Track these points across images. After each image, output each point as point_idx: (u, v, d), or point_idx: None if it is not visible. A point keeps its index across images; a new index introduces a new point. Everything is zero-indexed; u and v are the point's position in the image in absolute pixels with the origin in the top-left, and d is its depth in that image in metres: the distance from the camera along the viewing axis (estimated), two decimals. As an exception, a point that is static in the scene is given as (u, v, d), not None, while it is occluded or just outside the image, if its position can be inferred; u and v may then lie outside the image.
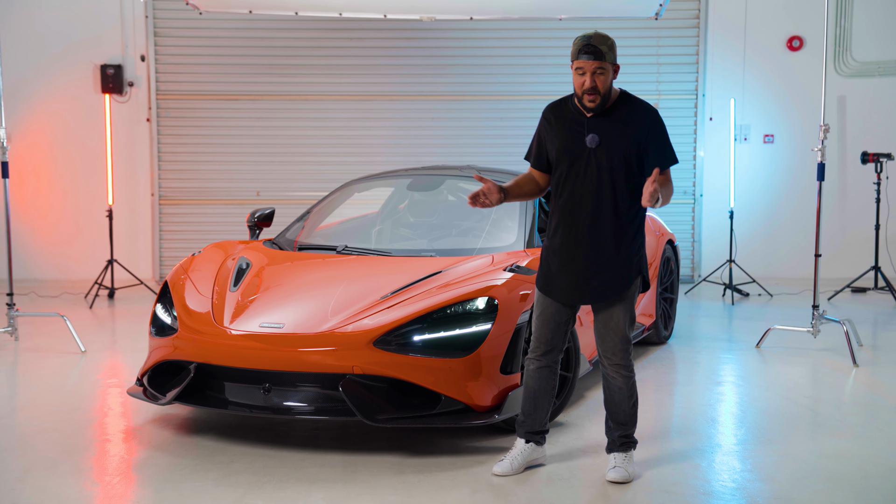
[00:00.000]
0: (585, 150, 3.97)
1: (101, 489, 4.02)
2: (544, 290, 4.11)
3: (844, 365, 6.30)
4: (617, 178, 3.95)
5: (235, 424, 4.84)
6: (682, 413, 5.26)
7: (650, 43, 10.09)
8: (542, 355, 4.15)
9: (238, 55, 10.16)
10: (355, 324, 4.43)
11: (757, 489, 4.02)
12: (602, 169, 3.95)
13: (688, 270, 10.36)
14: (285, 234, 5.91)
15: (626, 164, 3.95)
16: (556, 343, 4.14)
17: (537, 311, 4.15)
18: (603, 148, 3.95)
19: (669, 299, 7.04)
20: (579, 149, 3.99)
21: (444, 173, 6.28)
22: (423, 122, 10.28)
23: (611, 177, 3.95)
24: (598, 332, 4.10)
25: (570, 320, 4.15)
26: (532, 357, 4.17)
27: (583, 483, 4.08)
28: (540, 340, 4.14)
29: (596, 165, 3.96)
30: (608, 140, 3.95)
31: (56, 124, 10.09)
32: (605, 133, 3.96)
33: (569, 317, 4.13)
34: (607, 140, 3.95)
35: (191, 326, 4.66)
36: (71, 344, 6.78)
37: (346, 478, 4.11)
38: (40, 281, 9.98)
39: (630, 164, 3.96)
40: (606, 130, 3.96)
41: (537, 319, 4.14)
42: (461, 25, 10.05)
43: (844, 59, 10.06)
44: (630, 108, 3.99)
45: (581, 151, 3.99)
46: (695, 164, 10.27)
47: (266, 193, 10.22)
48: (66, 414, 5.11)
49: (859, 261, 9.79)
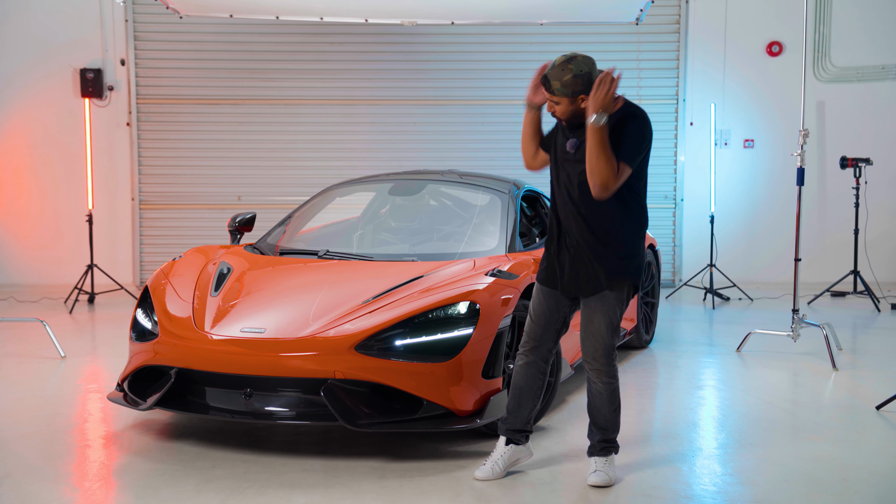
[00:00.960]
0: (567, 154, 4.01)
1: (82, 495, 3.99)
2: (540, 279, 4.15)
3: (824, 369, 6.34)
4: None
5: (216, 429, 4.82)
6: (663, 417, 5.28)
7: (631, 48, 10.15)
8: (529, 351, 4.16)
9: (219, 59, 10.13)
10: (337, 328, 4.42)
11: (737, 493, 4.04)
12: (581, 172, 3.96)
13: (668, 275, 10.41)
14: (266, 239, 5.89)
15: None
16: (544, 340, 4.14)
17: (532, 305, 4.17)
18: (582, 152, 3.97)
19: (650, 303, 7.06)
20: (563, 152, 4.03)
21: (426, 178, 6.28)
22: (405, 127, 10.28)
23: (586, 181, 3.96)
24: (581, 335, 4.11)
25: (562, 324, 4.16)
26: (521, 352, 4.19)
27: (564, 487, 4.09)
28: (529, 336, 4.16)
29: (576, 169, 3.98)
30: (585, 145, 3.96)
31: (36, 128, 10.03)
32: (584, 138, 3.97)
33: (561, 319, 4.14)
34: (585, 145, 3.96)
35: (171, 331, 4.64)
36: (51, 349, 6.73)
37: (328, 483, 4.10)
38: (20, 286, 9.91)
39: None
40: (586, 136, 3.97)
41: (530, 315, 4.17)
42: (443, 30, 10.07)
43: (823, 64, 10.15)
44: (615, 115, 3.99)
45: (565, 155, 4.03)
46: (675, 169, 10.33)
47: (247, 198, 10.19)
48: (45, 419, 5.07)
49: (839, 265, 9.86)
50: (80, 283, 9.01)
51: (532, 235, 5.93)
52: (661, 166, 10.26)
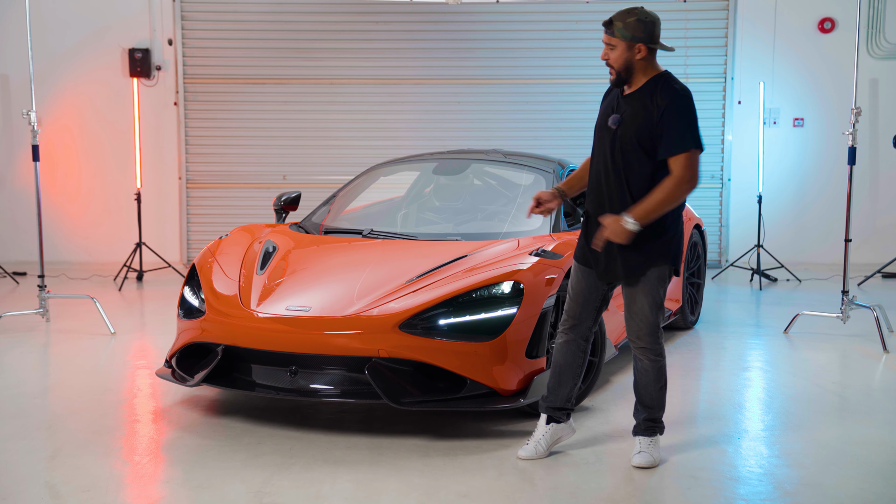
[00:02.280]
0: (609, 129, 3.96)
1: (131, 469, 4.07)
2: (576, 256, 4.12)
3: (874, 351, 6.24)
4: (631, 160, 3.91)
5: (262, 406, 4.87)
6: (708, 398, 5.23)
7: (678, 26, 10.00)
8: (569, 329, 4.14)
9: (264, 39, 10.17)
10: (381, 307, 4.44)
11: (784, 475, 4.00)
12: (619, 150, 3.93)
13: (715, 255, 10.30)
14: (311, 218, 5.92)
15: (640, 146, 3.89)
16: (583, 319, 4.12)
17: (570, 284, 4.15)
18: (622, 129, 3.92)
19: (696, 284, 7.00)
20: (606, 127, 3.99)
21: (470, 157, 6.27)
22: (449, 106, 10.25)
23: (624, 158, 3.92)
24: (625, 315, 4.08)
25: (602, 301, 4.13)
26: (561, 331, 4.17)
27: (608, 468, 4.08)
28: (568, 314, 4.14)
29: (614, 146, 3.94)
30: (627, 122, 3.92)
31: (85, 108, 10.16)
32: (627, 114, 3.93)
33: (600, 297, 4.11)
34: (627, 122, 3.92)
35: (218, 309, 4.69)
36: (101, 326, 6.85)
37: (372, 460, 4.14)
38: (70, 263, 10.08)
39: (644, 147, 3.89)
40: (629, 112, 3.93)
41: (569, 293, 4.15)
42: (488, 9, 10.01)
43: (877, 40, 9.92)
44: (657, 91, 3.92)
45: (606, 130, 3.98)
46: (723, 149, 10.19)
47: (292, 177, 10.25)
48: (96, 395, 5.17)
49: (890, 246, 9.68)
50: (128, 260, 9.15)
51: (576, 215, 5.90)
52: (709, 146, 10.10)
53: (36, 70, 7.54)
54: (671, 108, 3.86)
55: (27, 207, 9.77)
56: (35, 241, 7.23)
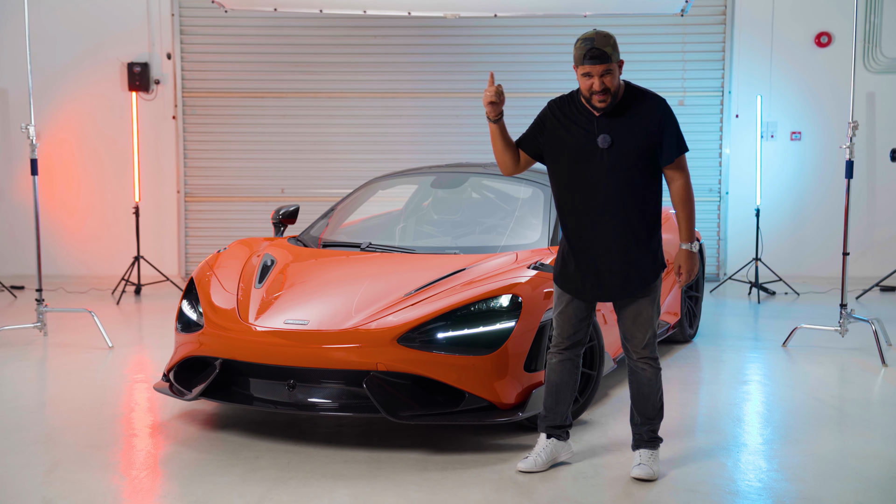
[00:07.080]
0: (598, 150, 3.95)
1: (129, 483, 4.05)
2: (564, 287, 4.10)
3: (873, 364, 6.24)
4: (633, 176, 3.94)
5: (260, 420, 4.86)
6: (707, 412, 5.23)
7: (675, 40, 10.02)
8: (565, 349, 4.15)
9: (263, 53, 10.20)
10: (379, 321, 4.44)
11: (783, 489, 4.00)
12: (616, 169, 3.93)
13: (713, 269, 10.30)
14: (310, 232, 5.93)
15: (642, 161, 3.94)
16: (580, 337, 4.14)
17: (558, 307, 4.14)
18: (615, 148, 3.92)
19: (694, 297, 7.00)
20: (591, 149, 3.96)
21: (468, 171, 6.28)
22: (448, 120, 10.27)
23: (627, 176, 3.93)
24: (625, 327, 4.08)
25: (591, 312, 4.16)
26: (554, 351, 4.16)
27: (607, 481, 4.07)
28: (563, 336, 4.13)
29: (609, 166, 3.93)
30: (621, 140, 3.93)
31: (84, 122, 10.18)
32: (616, 133, 3.93)
33: (589, 310, 4.13)
34: (620, 140, 3.93)
35: (216, 323, 4.69)
36: (98, 339, 6.84)
37: (371, 474, 4.13)
38: (68, 277, 10.07)
39: (646, 160, 3.95)
40: (618, 130, 3.93)
41: (559, 316, 4.13)
42: (485, 23, 10.03)
43: (874, 55, 9.95)
44: (639, 103, 3.96)
45: (593, 152, 3.95)
46: (720, 162, 10.20)
47: (291, 191, 10.25)
48: (93, 408, 5.16)
49: (888, 259, 9.69)
50: (126, 274, 9.14)
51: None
52: (706, 159, 10.13)
53: (35, 84, 7.56)
54: (665, 117, 3.96)
55: (25, 221, 9.76)
56: (33, 254, 7.23)
